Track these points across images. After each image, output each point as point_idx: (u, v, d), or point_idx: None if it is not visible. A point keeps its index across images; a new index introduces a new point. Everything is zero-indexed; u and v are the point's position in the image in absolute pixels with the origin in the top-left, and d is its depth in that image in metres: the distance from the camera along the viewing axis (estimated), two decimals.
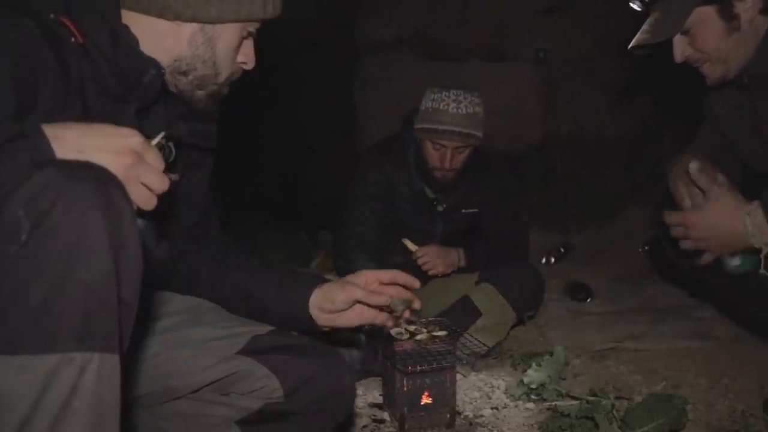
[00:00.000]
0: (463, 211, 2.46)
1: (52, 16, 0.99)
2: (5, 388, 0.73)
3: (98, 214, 0.75)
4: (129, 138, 0.83)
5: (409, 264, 2.38)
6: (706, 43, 1.61)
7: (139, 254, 0.81)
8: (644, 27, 1.68)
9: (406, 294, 1.36)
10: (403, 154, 2.39)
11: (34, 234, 0.73)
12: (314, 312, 1.33)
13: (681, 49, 1.65)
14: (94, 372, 0.76)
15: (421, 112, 2.31)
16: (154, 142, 0.91)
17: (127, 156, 0.81)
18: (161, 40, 1.11)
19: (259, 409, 1.24)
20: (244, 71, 1.23)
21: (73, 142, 0.80)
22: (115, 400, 0.80)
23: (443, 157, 2.27)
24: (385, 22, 4.03)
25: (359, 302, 1.33)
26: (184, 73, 1.14)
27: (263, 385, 1.22)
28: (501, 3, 3.91)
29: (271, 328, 1.32)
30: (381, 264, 2.19)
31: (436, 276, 2.37)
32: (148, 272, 0.84)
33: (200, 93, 1.18)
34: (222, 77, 1.18)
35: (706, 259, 1.62)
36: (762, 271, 1.52)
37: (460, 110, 2.25)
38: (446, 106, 2.25)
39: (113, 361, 0.79)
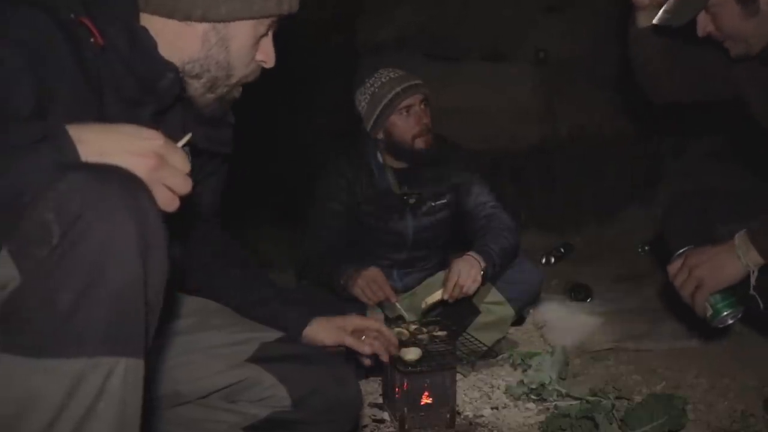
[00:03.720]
0: (433, 204, 2.35)
1: (72, 15, 0.98)
2: (32, 391, 0.73)
3: (128, 220, 0.75)
4: (152, 140, 0.82)
5: (395, 268, 2.37)
6: (724, 24, 1.62)
7: (165, 258, 0.81)
8: (666, 6, 1.68)
9: (391, 346, 1.53)
10: (363, 155, 2.32)
11: (64, 238, 0.73)
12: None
13: (704, 25, 1.66)
14: (121, 376, 0.76)
15: (370, 104, 2.24)
16: (180, 144, 0.90)
17: (150, 158, 0.81)
18: (174, 41, 1.08)
19: (266, 417, 1.24)
20: (263, 71, 1.19)
21: (97, 144, 0.79)
22: (138, 404, 0.80)
23: (418, 116, 2.21)
24: (385, 22, 4.03)
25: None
26: (197, 76, 1.12)
27: (271, 394, 1.22)
28: (501, 3, 3.91)
29: (279, 335, 1.33)
30: (362, 263, 2.14)
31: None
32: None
33: (210, 96, 1.15)
34: (234, 79, 1.15)
35: (699, 307, 1.63)
36: (751, 292, 1.54)
37: (398, 73, 2.25)
38: (387, 77, 2.23)
39: (138, 365, 0.79)
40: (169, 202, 0.83)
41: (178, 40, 1.09)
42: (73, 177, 0.74)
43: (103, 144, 0.80)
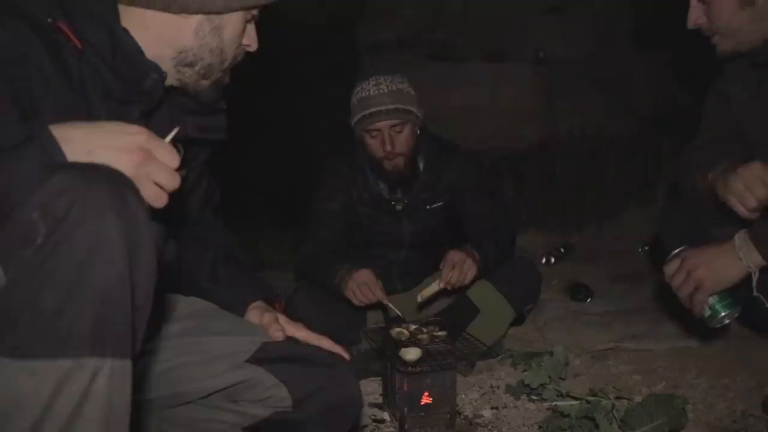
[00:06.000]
0: (428, 207, 2.34)
1: (49, 20, 0.98)
2: (16, 392, 0.72)
3: (114, 220, 0.75)
4: (137, 135, 0.82)
5: (393, 268, 2.37)
6: (718, 15, 1.58)
7: (154, 259, 0.80)
8: None
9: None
10: (358, 157, 2.31)
11: (49, 238, 0.73)
12: None
13: (695, 16, 1.63)
14: (106, 377, 0.76)
15: (352, 112, 2.23)
16: (168, 139, 0.89)
17: (136, 153, 0.81)
18: (165, 33, 1.10)
19: (267, 418, 1.24)
20: (247, 54, 1.23)
21: (82, 142, 0.79)
22: (126, 405, 0.79)
23: (383, 141, 2.16)
24: (386, 22, 4.04)
25: None
26: (190, 65, 1.14)
27: (272, 395, 1.22)
28: (501, 3, 3.92)
29: None
30: (359, 263, 2.14)
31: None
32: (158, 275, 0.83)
33: (204, 82, 1.17)
34: (227, 63, 1.18)
35: (698, 308, 1.61)
36: (755, 293, 1.53)
37: (381, 90, 2.17)
38: (368, 93, 2.18)
39: (125, 366, 0.78)
40: (156, 198, 0.83)
41: (169, 32, 1.10)
42: (59, 177, 0.74)
43: (88, 141, 0.80)
